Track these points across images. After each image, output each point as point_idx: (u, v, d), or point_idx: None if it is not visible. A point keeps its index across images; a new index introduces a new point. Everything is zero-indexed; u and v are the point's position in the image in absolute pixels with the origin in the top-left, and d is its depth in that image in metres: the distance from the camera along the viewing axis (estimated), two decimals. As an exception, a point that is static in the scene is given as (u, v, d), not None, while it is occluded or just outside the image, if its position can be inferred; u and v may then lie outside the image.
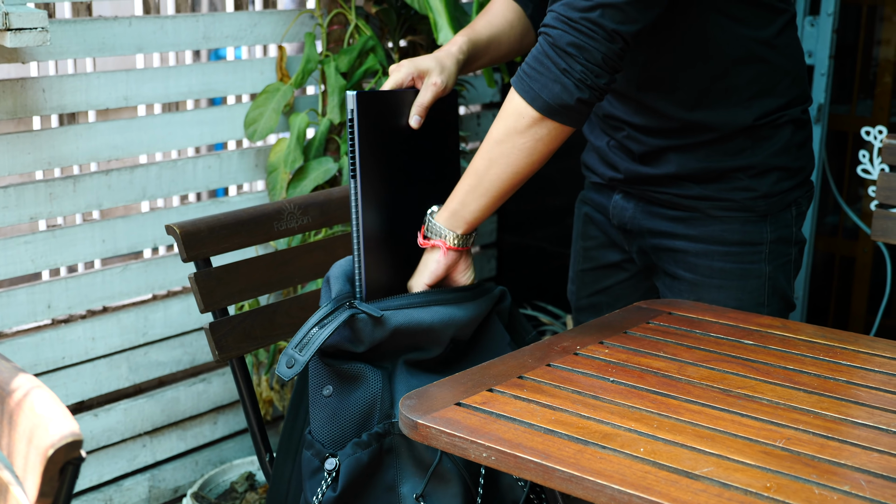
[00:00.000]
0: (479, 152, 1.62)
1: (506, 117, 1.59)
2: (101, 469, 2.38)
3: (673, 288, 1.89)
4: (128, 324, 2.36)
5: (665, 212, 1.87)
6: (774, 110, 1.79)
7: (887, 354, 1.55)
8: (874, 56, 3.57)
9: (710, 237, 1.84)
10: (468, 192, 1.65)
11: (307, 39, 2.48)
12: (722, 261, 1.84)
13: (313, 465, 1.59)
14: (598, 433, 1.27)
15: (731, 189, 1.81)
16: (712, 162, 1.80)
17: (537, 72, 1.56)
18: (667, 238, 1.87)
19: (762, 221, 1.83)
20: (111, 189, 2.27)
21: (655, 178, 1.84)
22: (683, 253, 1.86)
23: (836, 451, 1.23)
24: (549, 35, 1.55)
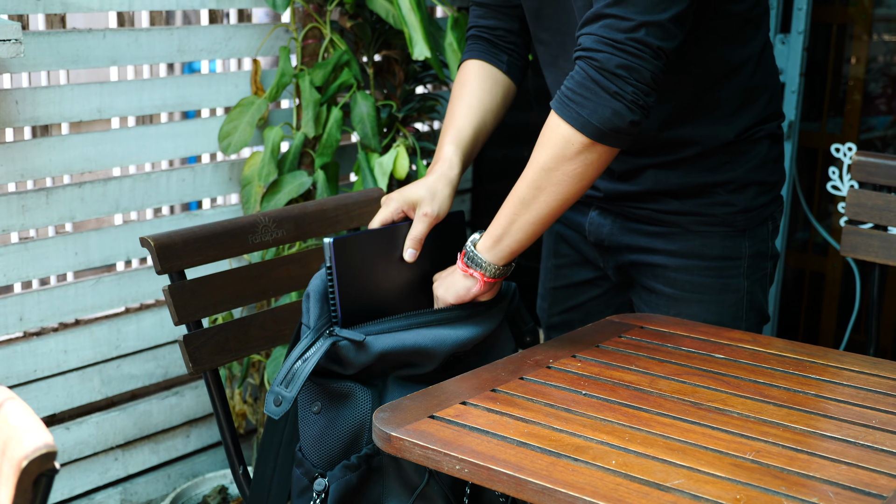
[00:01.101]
0: (524, 180, 1.60)
1: (552, 145, 1.56)
2: (72, 482, 2.36)
3: (651, 303, 1.90)
4: (100, 337, 2.35)
5: (644, 227, 1.88)
6: (753, 125, 1.81)
7: (856, 368, 1.57)
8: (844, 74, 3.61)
9: (689, 252, 1.85)
10: (512, 221, 1.63)
11: (282, 53, 2.49)
12: (702, 275, 1.85)
13: (302, 483, 1.59)
14: (570, 446, 1.28)
15: (711, 204, 1.83)
16: (692, 177, 1.81)
17: (584, 97, 1.53)
18: (646, 253, 1.88)
19: (741, 236, 1.85)
20: (84, 202, 2.27)
21: (635, 194, 1.85)
22: (663, 268, 1.87)
23: (805, 463, 1.25)
24: (595, 59, 1.52)
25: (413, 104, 2.67)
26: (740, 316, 1.88)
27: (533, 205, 1.60)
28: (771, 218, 1.89)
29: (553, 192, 1.58)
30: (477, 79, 1.88)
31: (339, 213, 1.97)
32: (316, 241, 2.37)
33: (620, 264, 1.93)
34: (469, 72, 1.89)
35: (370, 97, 2.51)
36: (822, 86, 3.57)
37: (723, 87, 1.78)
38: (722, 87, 1.78)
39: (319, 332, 1.56)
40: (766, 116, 1.84)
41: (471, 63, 1.90)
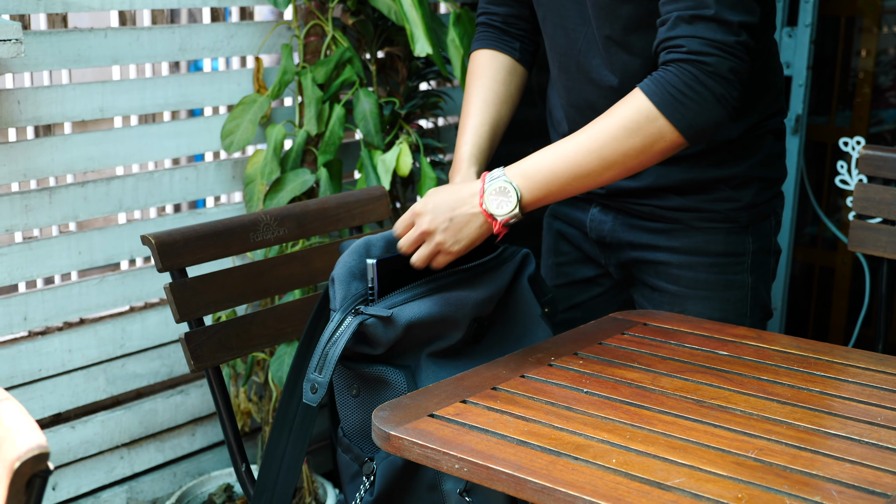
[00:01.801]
0: (592, 153, 1.55)
1: (643, 136, 1.54)
2: (78, 481, 2.36)
3: (654, 300, 1.89)
4: (105, 336, 2.35)
5: (646, 224, 1.87)
6: (758, 122, 1.81)
7: (861, 365, 1.56)
8: (853, 67, 3.59)
9: (693, 248, 1.84)
10: (565, 184, 1.56)
11: (284, 51, 2.48)
12: (706, 272, 1.84)
13: (352, 469, 1.60)
14: (570, 444, 1.27)
15: (714, 200, 1.82)
16: (695, 173, 1.80)
17: (691, 99, 1.52)
18: (648, 250, 1.87)
19: (745, 232, 1.84)
20: (87, 201, 2.27)
21: (637, 190, 1.84)
22: (666, 265, 1.86)
23: (809, 461, 1.24)
24: (706, 63, 1.52)
25: (416, 101, 2.66)
26: (745, 312, 1.86)
27: (595, 178, 1.57)
28: (774, 213, 1.88)
29: (619, 173, 1.57)
30: (490, 69, 1.88)
31: (340, 212, 1.96)
32: (319, 240, 2.36)
33: (622, 261, 1.92)
34: (482, 63, 1.89)
35: (373, 94, 2.50)
36: (831, 79, 3.55)
37: None
38: None
39: (346, 311, 1.55)
40: (771, 113, 1.83)
41: (482, 53, 1.90)
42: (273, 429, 1.70)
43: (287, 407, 1.69)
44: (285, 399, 1.69)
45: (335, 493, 2.54)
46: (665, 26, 1.57)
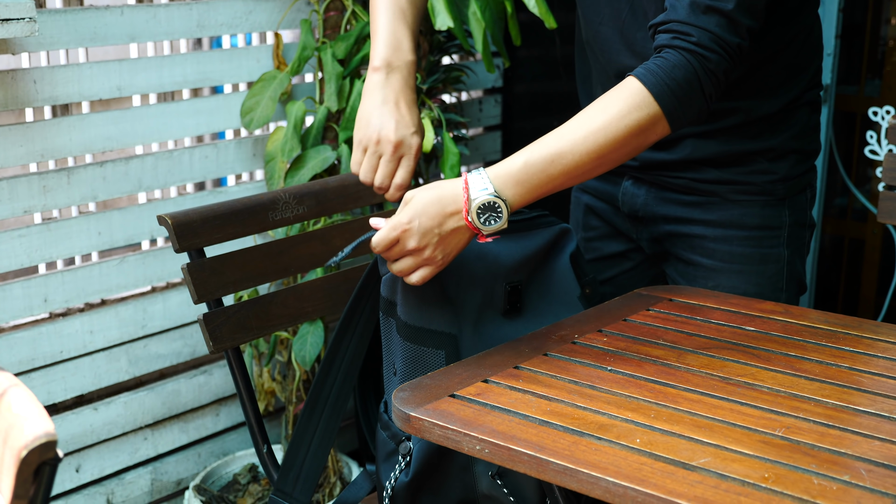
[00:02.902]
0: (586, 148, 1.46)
1: (640, 130, 1.48)
2: (102, 463, 2.36)
3: (688, 275, 1.86)
4: (126, 316, 2.34)
5: (680, 197, 1.84)
6: (797, 95, 1.78)
7: (891, 339, 1.52)
8: (882, 35, 3.52)
9: (729, 222, 1.81)
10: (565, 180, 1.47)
11: (303, 26, 2.45)
12: (742, 245, 1.81)
13: (389, 447, 1.58)
14: (593, 424, 1.24)
15: (751, 172, 1.79)
16: (732, 146, 1.77)
17: (686, 95, 1.49)
18: (683, 224, 1.84)
19: (781, 205, 1.81)
20: (106, 181, 2.25)
21: (672, 163, 1.81)
22: (701, 238, 1.83)
23: (837, 439, 1.21)
24: (708, 59, 1.49)
25: (438, 75, 2.63)
26: (780, 286, 1.83)
27: (588, 175, 1.49)
28: (809, 186, 1.85)
29: (610, 168, 1.51)
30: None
31: (361, 189, 1.93)
32: (340, 217, 2.34)
33: (655, 236, 1.89)
34: None
35: (394, 69, 2.47)
36: (860, 48, 3.49)
37: (773, 62, 1.74)
38: (772, 63, 1.74)
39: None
40: (809, 86, 1.81)
41: None
42: (305, 406, 1.68)
43: (322, 386, 1.67)
44: (320, 378, 1.67)
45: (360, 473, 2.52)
46: (675, 8, 1.52)
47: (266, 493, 2.50)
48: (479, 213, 1.44)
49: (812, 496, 1.07)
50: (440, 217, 1.45)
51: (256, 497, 2.49)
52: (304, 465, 1.68)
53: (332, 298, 1.87)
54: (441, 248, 1.47)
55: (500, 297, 1.60)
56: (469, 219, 1.45)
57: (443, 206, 1.46)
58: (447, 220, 1.46)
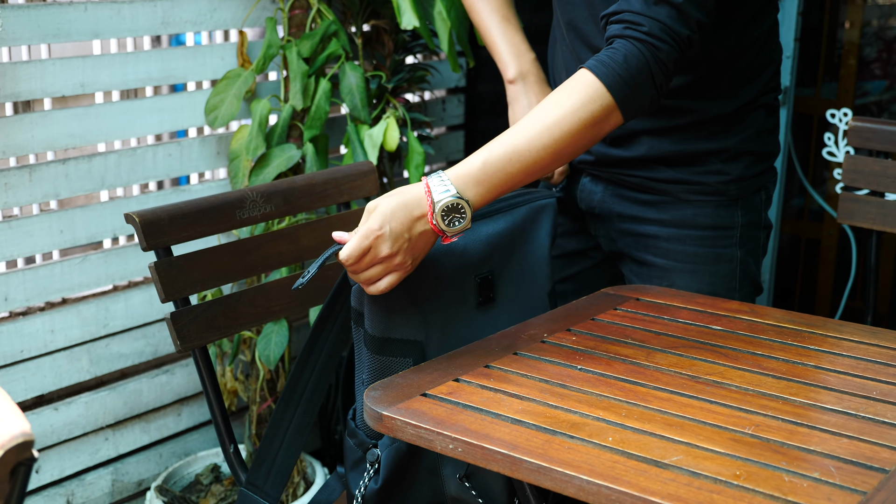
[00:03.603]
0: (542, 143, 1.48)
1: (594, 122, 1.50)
2: (62, 463, 2.34)
3: (642, 275, 1.87)
4: (88, 315, 2.32)
5: (636, 195, 1.86)
6: (754, 98, 1.80)
7: (855, 338, 1.55)
8: (839, 38, 3.57)
9: (682, 221, 1.83)
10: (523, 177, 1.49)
11: (268, 24, 2.44)
12: (695, 245, 1.83)
13: (356, 455, 1.58)
14: (565, 423, 1.25)
15: (704, 172, 1.81)
16: (686, 145, 1.79)
17: (638, 85, 1.51)
18: (637, 223, 1.86)
19: (734, 205, 1.83)
20: (69, 178, 2.23)
21: (627, 160, 1.83)
22: (654, 238, 1.85)
23: (806, 437, 1.22)
24: (659, 49, 1.51)
25: (403, 74, 2.63)
26: (734, 286, 1.85)
27: (545, 171, 1.51)
28: (764, 188, 1.87)
29: (566, 161, 1.53)
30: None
31: (328, 188, 1.93)
32: (306, 216, 2.33)
33: (611, 234, 1.91)
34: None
35: (359, 68, 2.47)
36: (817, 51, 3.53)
37: (732, 65, 1.77)
38: (731, 65, 1.77)
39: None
40: (766, 89, 1.83)
41: None
42: (280, 401, 1.68)
43: (297, 381, 1.67)
44: (296, 373, 1.67)
45: (324, 472, 2.52)
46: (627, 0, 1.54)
47: (229, 493, 2.49)
48: (444, 215, 1.45)
49: (783, 493, 1.09)
50: (409, 221, 1.45)
51: (219, 497, 2.48)
52: (276, 459, 1.68)
53: (300, 297, 1.87)
54: (410, 252, 1.47)
55: (472, 290, 1.61)
56: (434, 222, 1.45)
57: (409, 210, 1.46)
58: (415, 224, 1.46)
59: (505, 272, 1.67)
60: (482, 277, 1.62)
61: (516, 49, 1.91)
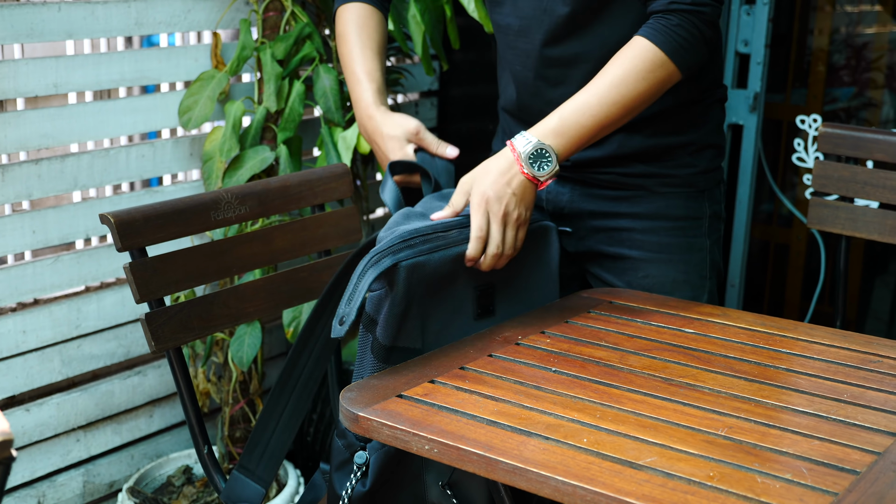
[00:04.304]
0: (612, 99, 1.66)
1: (654, 80, 1.67)
2: (33, 465, 2.32)
3: (615, 268, 1.90)
4: (60, 316, 2.31)
5: (607, 192, 1.90)
6: (708, 87, 1.88)
7: (826, 342, 1.57)
8: (808, 45, 3.60)
9: (655, 213, 1.88)
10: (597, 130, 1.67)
11: (242, 26, 2.44)
12: (668, 235, 1.88)
13: (343, 456, 1.59)
14: (540, 424, 1.26)
15: (675, 166, 1.87)
16: (656, 140, 1.85)
17: (691, 44, 1.68)
18: (610, 218, 1.90)
19: (701, 197, 1.90)
20: (41, 179, 2.22)
21: (601, 160, 1.87)
22: (628, 231, 1.89)
23: (778, 439, 1.24)
24: (705, 13, 1.68)
25: (377, 77, 2.63)
26: (704, 274, 1.92)
27: (615, 125, 1.68)
28: (721, 181, 1.96)
29: (632, 116, 1.70)
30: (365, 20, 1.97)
31: (302, 189, 1.93)
32: (279, 218, 2.33)
33: (580, 232, 1.93)
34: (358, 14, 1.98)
35: (333, 70, 2.47)
36: (787, 57, 3.57)
37: None
38: None
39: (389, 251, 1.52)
40: (717, 82, 1.91)
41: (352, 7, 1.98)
42: (276, 385, 1.68)
43: (294, 365, 1.68)
44: (293, 357, 1.68)
45: (296, 474, 2.52)
46: None
47: (201, 494, 2.49)
48: (531, 161, 1.62)
49: (756, 494, 1.10)
50: (504, 177, 1.61)
51: (191, 499, 2.47)
52: (269, 443, 1.69)
53: (274, 299, 1.87)
54: (520, 203, 1.62)
55: (471, 301, 1.63)
56: (525, 171, 1.61)
57: (499, 170, 1.62)
58: (511, 179, 1.62)
59: (507, 285, 1.70)
60: (483, 289, 1.65)
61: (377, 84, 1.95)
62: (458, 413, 1.29)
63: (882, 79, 3.52)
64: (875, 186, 2.08)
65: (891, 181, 2.06)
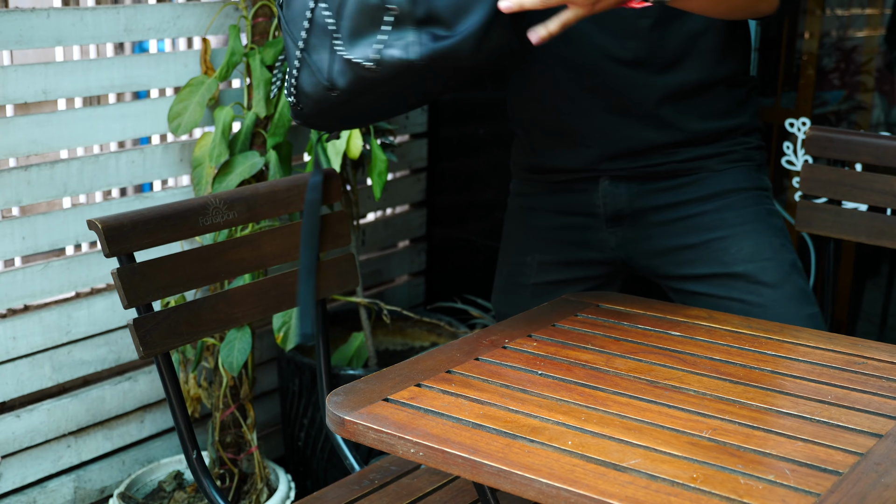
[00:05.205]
0: None
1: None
2: (24, 471, 2.33)
3: (701, 258, 1.85)
4: (50, 322, 2.31)
5: (667, 183, 1.86)
6: (746, 68, 1.88)
7: (811, 344, 1.57)
8: (798, 48, 3.62)
9: (724, 190, 1.85)
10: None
11: (232, 32, 2.44)
12: (745, 205, 1.85)
13: None
14: (526, 427, 1.27)
15: (732, 144, 1.86)
16: (709, 124, 1.83)
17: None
18: (677, 208, 1.86)
19: (761, 171, 1.90)
20: (31, 185, 2.22)
21: (657, 147, 1.83)
22: (701, 215, 1.85)
23: (762, 440, 1.25)
24: None
25: (366, 82, 2.64)
26: (789, 240, 1.88)
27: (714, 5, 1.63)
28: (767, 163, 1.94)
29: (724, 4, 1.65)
30: None
31: (291, 195, 1.94)
32: (269, 223, 2.34)
33: (646, 232, 1.88)
34: None
35: (322, 76, 2.47)
36: (777, 61, 3.58)
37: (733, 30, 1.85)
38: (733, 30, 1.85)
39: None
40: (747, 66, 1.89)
41: None
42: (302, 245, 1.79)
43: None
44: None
45: (287, 479, 2.52)
46: None
47: (192, 500, 2.49)
48: None
49: (739, 495, 1.11)
50: None
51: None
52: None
53: (263, 304, 1.87)
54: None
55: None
56: None
57: None
58: None
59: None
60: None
61: None
62: (444, 416, 1.30)
63: (872, 82, 3.53)
64: (863, 189, 2.08)
65: (878, 184, 2.06)
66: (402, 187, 3.19)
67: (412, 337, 2.99)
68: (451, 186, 3.25)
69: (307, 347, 2.74)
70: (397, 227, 3.23)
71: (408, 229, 3.27)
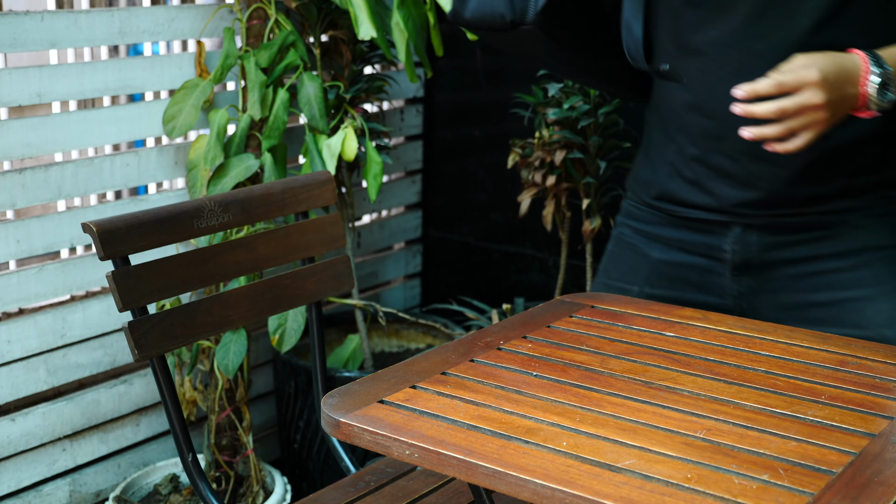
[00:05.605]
0: None
1: None
2: (19, 475, 2.32)
3: (831, 317, 1.72)
4: (45, 325, 2.31)
5: (802, 236, 1.73)
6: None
7: (805, 344, 1.58)
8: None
9: (863, 247, 1.72)
10: None
11: (226, 34, 2.45)
12: (884, 264, 1.72)
13: None
14: (521, 428, 1.27)
15: (877, 197, 1.73)
16: (858, 178, 1.71)
17: None
18: (810, 262, 1.74)
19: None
20: (25, 188, 2.22)
21: (800, 199, 1.71)
22: (835, 273, 1.72)
23: (756, 440, 1.25)
24: None
25: (361, 85, 2.64)
26: None
27: None
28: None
29: None
30: None
31: (286, 197, 1.94)
32: (264, 226, 2.34)
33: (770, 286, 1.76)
34: None
35: (317, 78, 2.48)
36: None
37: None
38: None
39: None
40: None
41: None
42: None
43: None
44: None
45: (283, 482, 2.52)
46: None
47: (187, 503, 2.49)
48: (877, 85, 1.52)
49: (733, 495, 1.11)
50: (843, 77, 1.50)
51: (178, 507, 2.48)
52: None
53: (258, 307, 1.87)
54: (834, 110, 1.49)
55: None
56: (867, 87, 1.51)
57: (845, 70, 1.50)
58: (846, 86, 1.50)
59: None
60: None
61: None
62: (439, 418, 1.30)
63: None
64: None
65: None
66: (397, 189, 3.20)
67: (408, 339, 3.00)
68: (446, 188, 3.25)
69: (303, 350, 2.75)
70: (393, 229, 3.24)
71: (403, 231, 3.28)
